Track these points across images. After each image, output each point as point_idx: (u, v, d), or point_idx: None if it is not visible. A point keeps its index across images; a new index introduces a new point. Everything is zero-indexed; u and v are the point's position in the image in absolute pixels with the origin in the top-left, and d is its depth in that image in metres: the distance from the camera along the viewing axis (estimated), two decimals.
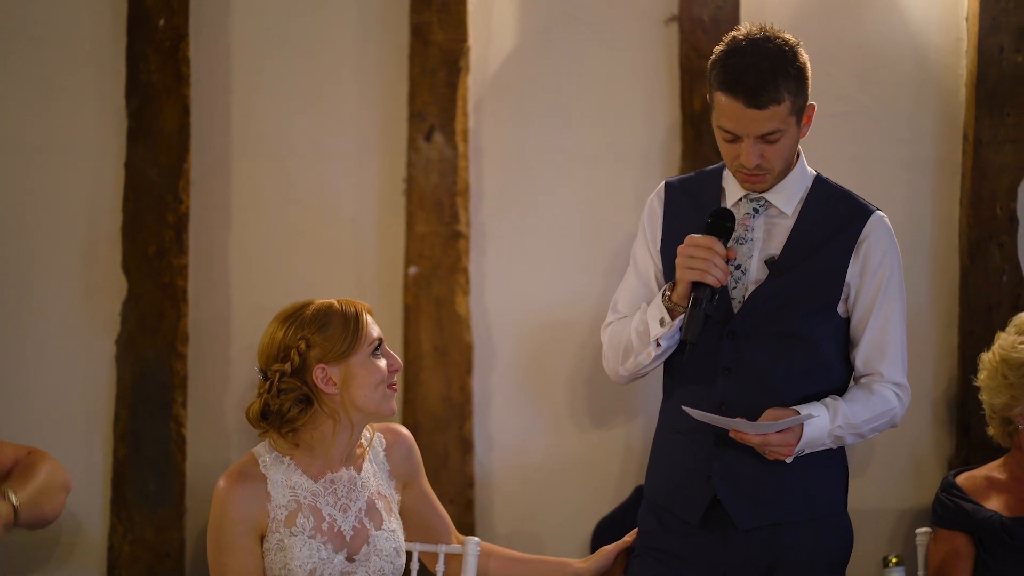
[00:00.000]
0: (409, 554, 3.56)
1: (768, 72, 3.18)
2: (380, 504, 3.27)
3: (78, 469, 4.42)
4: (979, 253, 4.34)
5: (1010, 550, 3.63)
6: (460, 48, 4.35)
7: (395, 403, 3.25)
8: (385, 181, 4.44)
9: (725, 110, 3.23)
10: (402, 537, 3.29)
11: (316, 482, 3.21)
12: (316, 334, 3.16)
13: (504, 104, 4.43)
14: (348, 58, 4.42)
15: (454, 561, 3.49)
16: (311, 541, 3.15)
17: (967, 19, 4.38)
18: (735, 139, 3.25)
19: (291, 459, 3.20)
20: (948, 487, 3.77)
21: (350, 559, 3.19)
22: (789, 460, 3.28)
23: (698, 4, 4.33)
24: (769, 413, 3.25)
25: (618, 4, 4.41)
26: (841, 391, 3.40)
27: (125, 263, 4.35)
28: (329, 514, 3.19)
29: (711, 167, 3.51)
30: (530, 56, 4.43)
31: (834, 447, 3.37)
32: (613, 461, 4.45)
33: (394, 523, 3.28)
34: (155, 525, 4.36)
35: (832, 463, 3.40)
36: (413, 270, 4.37)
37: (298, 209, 4.44)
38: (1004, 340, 3.76)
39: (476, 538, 3.58)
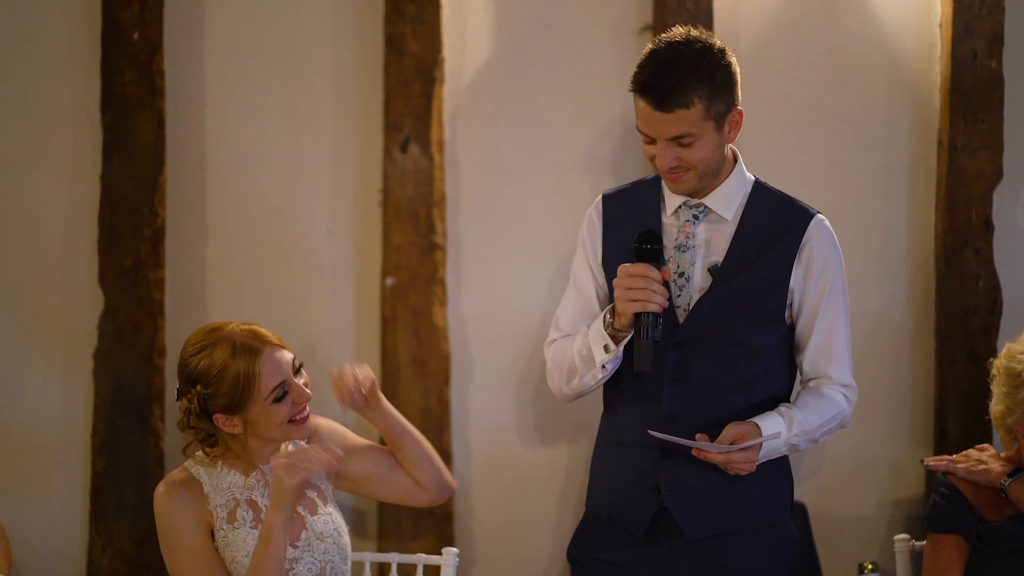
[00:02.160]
0: (388, 565, 3.58)
1: (678, 76, 3.16)
2: (312, 493, 3.32)
3: (56, 483, 4.43)
4: (955, 259, 4.35)
5: (992, 556, 3.63)
6: (435, 59, 4.35)
7: (309, 425, 3.31)
8: (361, 192, 4.44)
9: (639, 112, 3.23)
10: (341, 520, 3.36)
11: (248, 476, 3.26)
12: (212, 389, 3.21)
13: (480, 114, 4.43)
14: (323, 70, 4.42)
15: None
16: (253, 531, 3.21)
17: (940, 25, 4.39)
18: (651, 141, 3.25)
19: (221, 461, 3.27)
20: (937, 486, 3.77)
21: (292, 545, 3.23)
22: (743, 473, 3.29)
23: (672, 13, 4.33)
24: (730, 429, 3.24)
25: (592, 14, 4.41)
26: (785, 396, 3.40)
27: (102, 277, 4.34)
28: (265, 505, 3.25)
29: (648, 177, 3.49)
30: (505, 66, 4.43)
31: (788, 454, 3.37)
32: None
33: (330, 508, 3.34)
34: (134, 539, 4.35)
35: (778, 473, 3.39)
36: (390, 281, 4.37)
37: (274, 221, 4.43)
38: (1011, 349, 3.76)
39: (455, 549, 3.60)
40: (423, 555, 3.59)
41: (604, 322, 3.27)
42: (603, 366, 3.29)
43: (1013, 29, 4.36)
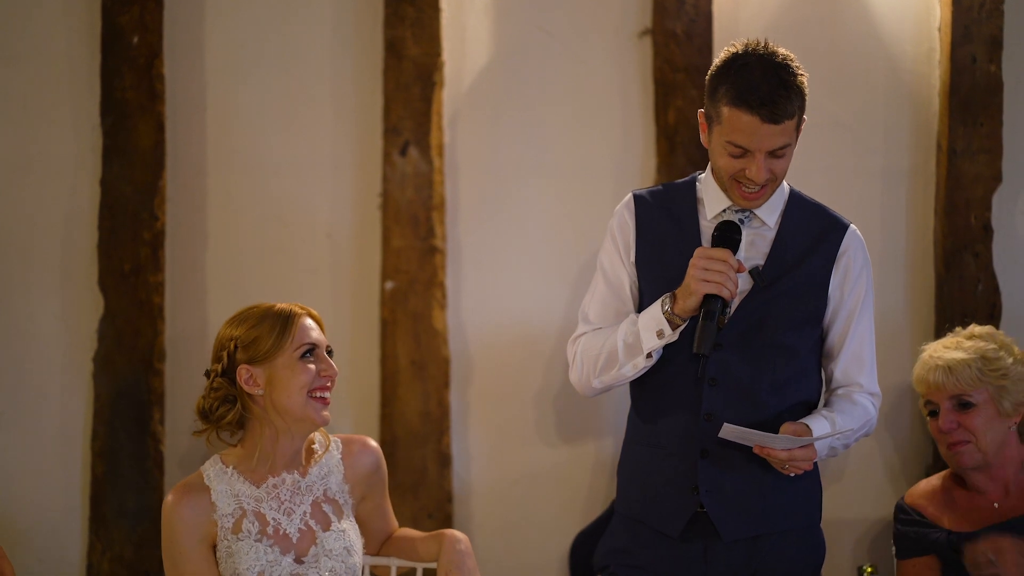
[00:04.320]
0: (388, 569, 3.57)
1: (782, 86, 3.21)
2: (328, 507, 3.30)
3: (55, 487, 4.42)
4: (954, 262, 4.36)
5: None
6: (434, 63, 4.35)
7: (328, 413, 3.27)
8: (361, 196, 4.44)
9: (737, 125, 3.23)
10: (355, 538, 3.32)
11: (258, 487, 3.26)
12: (245, 335, 3.24)
13: (479, 118, 4.44)
14: (323, 74, 4.42)
15: (432, 545, 3.46)
16: (257, 544, 3.19)
17: (939, 29, 4.40)
18: (743, 154, 3.26)
19: (234, 468, 3.27)
20: (897, 514, 3.79)
21: (299, 561, 3.23)
22: (799, 472, 3.31)
23: (671, 17, 4.34)
24: (786, 428, 3.28)
25: (591, 18, 4.42)
26: (816, 401, 3.44)
27: (101, 280, 4.34)
28: (273, 518, 3.24)
29: (680, 180, 3.52)
30: (505, 70, 4.43)
31: (826, 458, 3.39)
32: (591, 474, 4.45)
33: (344, 524, 3.31)
34: (134, 542, 4.35)
35: (809, 476, 3.43)
36: (390, 285, 4.37)
37: (274, 225, 4.43)
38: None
39: None
40: (420, 563, 3.58)
41: (663, 307, 3.29)
42: (648, 355, 3.31)
43: (1012, 33, 4.37)
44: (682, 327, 3.29)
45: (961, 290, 4.36)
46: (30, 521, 4.41)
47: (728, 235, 3.29)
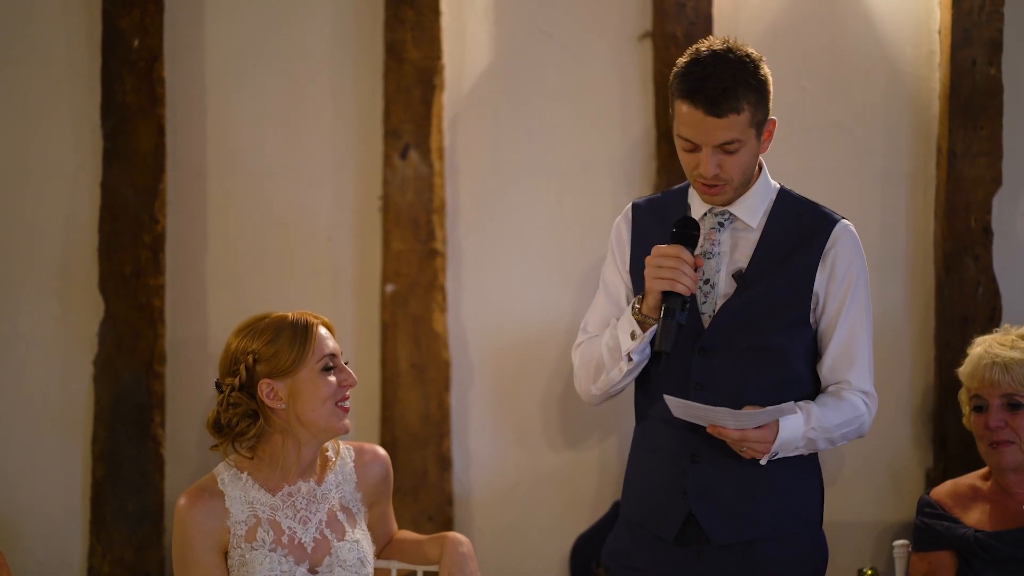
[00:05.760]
0: (387, 572, 3.57)
1: (728, 81, 3.20)
2: (342, 516, 3.29)
3: (56, 490, 4.43)
4: (954, 265, 4.35)
5: (988, 564, 3.63)
6: (434, 66, 4.35)
7: (349, 421, 3.26)
8: (361, 199, 4.44)
9: (685, 119, 3.24)
10: (368, 548, 3.30)
11: (274, 496, 3.24)
12: (264, 348, 3.20)
13: (479, 121, 4.44)
14: (323, 77, 4.43)
15: (434, 547, 3.45)
16: (272, 554, 3.18)
17: (939, 32, 4.39)
18: (694, 148, 3.27)
19: (248, 475, 3.24)
20: (922, 507, 3.78)
21: (312, 571, 3.21)
22: (763, 461, 3.28)
23: (671, 20, 4.34)
24: (746, 409, 3.25)
25: (592, 21, 4.42)
26: None
27: (102, 283, 4.35)
28: (289, 527, 3.22)
29: (676, 186, 3.53)
30: (505, 73, 4.43)
31: (806, 452, 3.36)
32: (591, 477, 4.45)
33: (358, 534, 3.30)
34: (134, 545, 4.35)
35: (807, 479, 3.41)
36: (390, 288, 4.37)
37: (274, 228, 4.44)
38: None
39: None
40: (421, 565, 3.58)
41: (632, 308, 3.29)
42: (629, 357, 3.31)
43: (1012, 36, 4.37)
44: (653, 328, 3.28)
45: (961, 293, 4.36)
46: (30, 524, 4.41)
47: (684, 231, 3.28)
